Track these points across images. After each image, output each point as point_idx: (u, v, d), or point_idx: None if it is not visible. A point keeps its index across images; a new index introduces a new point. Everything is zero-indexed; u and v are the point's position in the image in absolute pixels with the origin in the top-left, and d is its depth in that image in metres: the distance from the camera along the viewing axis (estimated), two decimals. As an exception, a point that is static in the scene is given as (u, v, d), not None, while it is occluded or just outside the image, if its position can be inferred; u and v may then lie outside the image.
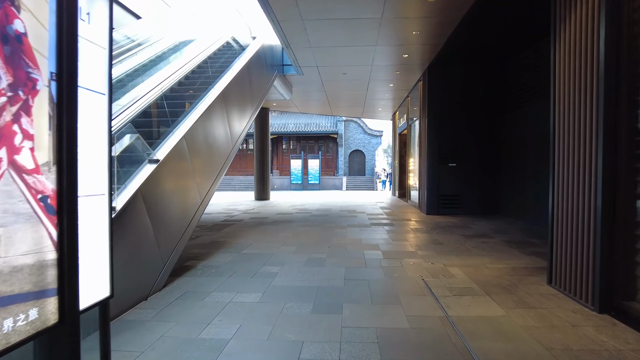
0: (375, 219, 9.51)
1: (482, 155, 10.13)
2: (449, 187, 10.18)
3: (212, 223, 8.97)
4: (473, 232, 7.32)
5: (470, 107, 10.11)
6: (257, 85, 8.14)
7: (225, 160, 5.90)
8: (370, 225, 8.27)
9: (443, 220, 9.03)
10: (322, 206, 13.11)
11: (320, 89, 12.59)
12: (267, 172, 16.19)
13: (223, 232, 7.62)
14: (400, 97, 14.07)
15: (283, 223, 8.81)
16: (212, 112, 5.38)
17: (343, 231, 7.52)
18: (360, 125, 29.65)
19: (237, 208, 12.53)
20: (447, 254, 5.50)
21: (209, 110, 5.25)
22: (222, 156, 5.80)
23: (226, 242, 6.49)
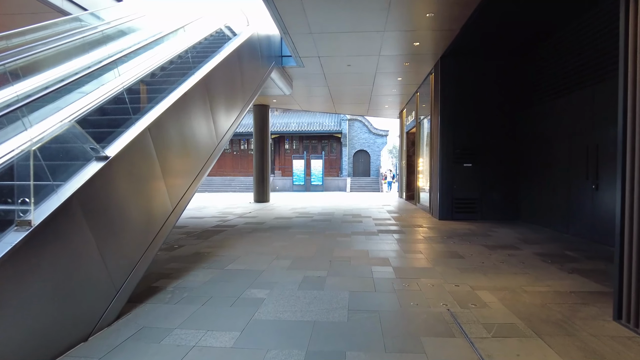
0: (382, 224, 8.59)
1: (501, 155, 9.18)
2: (464, 190, 9.24)
3: (202, 229, 8.10)
4: (496, 242, 6.39)
5: (488, 102, 9.17)
6: (250, 75, 7.25)
7: (207, 158, 5.01)
8: (378, 233, 7.35)
9: (458, 227, 8.09)
10: (325, 209, 12.20)
11: (323, 83, 11.69)
12: (267, 173, 15.32)
13: (211, 240, 6.73)
14: (409, 92, 13.14)
15: (280, 229, 7.91)
16: (189, 102, 4.49)
17: (347, 240, 6.61)
18: (365, 125, 28.71)
19: (233, 211, 11.65)
20: (471, 271, 4.57)
21: (186, 99, 4.37)
22: (203, 154, 4.92)
23: (211, 253, 5.60)
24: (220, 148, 5.44)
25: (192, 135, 4.63)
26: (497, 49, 8.63)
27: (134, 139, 3.31)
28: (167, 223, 3.96)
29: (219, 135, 5.41)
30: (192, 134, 4.63)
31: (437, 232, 7.43)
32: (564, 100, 7.26)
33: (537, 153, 8.27)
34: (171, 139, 4.10)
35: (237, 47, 6.28)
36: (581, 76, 6.73)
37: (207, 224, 8.95)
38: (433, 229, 7.92)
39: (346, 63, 9.71)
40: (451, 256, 5.38)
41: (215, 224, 8.96)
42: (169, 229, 4.04)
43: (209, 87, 5.08)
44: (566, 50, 7.20)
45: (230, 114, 5.96)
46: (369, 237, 6.94)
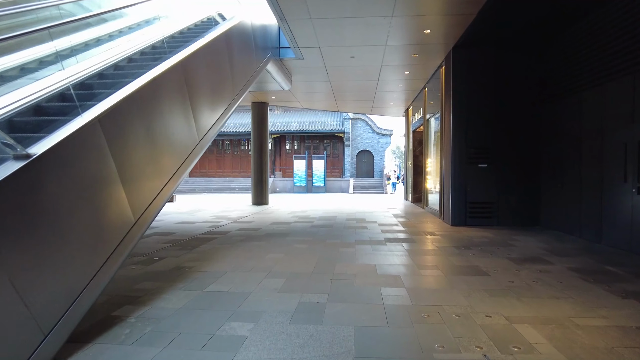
0: (389, 231, 7.79)
1: (520, 155, 8.37)
2: (479, 193, 8.42)
3: (190, 236, 7.33)
4: (521, 254, 5.58)
5: (505, 96, 8.36)
6: (242, 65, 6.48)
7: (186, 158, 4.24)
8: (385, 242, 6.55)
9: (474, 235, 7.28)
10: (326, 213, 11.41)
11: (324, 77, 10.91)
12: (265, 174, 14.55)
13: (197, 251, 5.96)
14: (416, 88, 12.33)
15: (276, 237, 7.13)
16: (161, 90, 3.71)
17: (351, 251, 5.82)
18: (368, 124, 27.89)
19: (228, 215, 10.88)
20: (501, 294, 3.77)
21: (156, 87, 3.60)
22: (180, 152, 4.14)
23: (193, 269, 4.82)
24: (203, 146, 4.67)
25: (165, 130, 3.85)
26: (517, 37, 7.81)
27: (73, 133, 2.53)
28: (128, 237, 3.18)
29: (201, 131, 4.63)
30: (165, 129, 3.85)
31: (452, 241, 6.63)
32: (596, 92, 6.44)
33: (561, 152, 7.45)
34: (135, 134, 3.32)
35: (226, 32, 5.50)
36: (618, 63, 5.91)
37: (197, 230, 8.18)
38: (446, 236, 7.12)
39: (349, 54, 8.92)
40: (473, 272, 4.58)
41: (206, 230, 8.19)
42: (131, 244, 3.26)
43: (188, 74, 4.30)
44: (599, 35, 6.37)
45: (217, 107, 5.19)
46: (375, 247, 6.14)
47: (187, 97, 4.28)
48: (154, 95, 3.59)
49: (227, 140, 27.92)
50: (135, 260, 5.35)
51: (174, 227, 8.59)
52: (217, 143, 28.09)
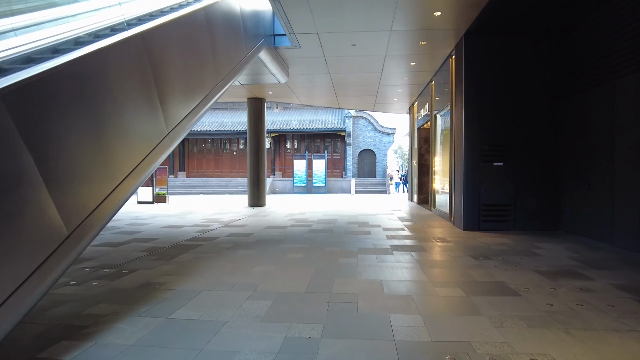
0: (395, 237, 6.99)
1: (539, 152, 7.56)
2: (494, 194, 7.62)
3: (173, 243, 6.55)
4: (550, 266, 4.77)
5: (523, 88, 7.56)
6: (227, 50, 5.69)
7: (148, 153, 3.45)
8: (392, 251, 5.75)
9: (490, 241, 6.48)
10: (326, 216, 10.61)
11: (324, 69, 10.12)
12: (262, 175, 13.77)
13: (175, 261, 5.18)
14: (422, 81, 11.52)
15: (269, 244, 6.34)
16: (111, 67, 2.93)
17: (352, 262, 5.02)
18: (370, 122, 27.06)
19: (220, 218, 10.10)
20: (542, 323, 2.97)
21: (103, 61, 2.82)
22: (139, 147, 3.36)
23: (164, 286, 4.03)
24: (174, 138, 3.88)
25: (118, 117, 3.07)
26: (535, 22, 7.01)
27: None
28: (57, 255, 2.40)
29: (172, 121, 3.84)
30: (118, 116, 3.07)
31: (467, 249, 5.82)
32: (628, 80, 5.63)
33: (588, 148, 6.63)
34: (68, 119, 2.54)
35: (206, 7, 4.71)
36: None
37: (183, 235, 7.40)
38: (460, 243, 6.31)
39: (350, 42, 8.13)
40: (500, 291, 3.78)
41: (192, 235, 7.41)
42: (64, 263, 2.48)
43: (153, 50, 3.52)
44: (630, 17, 5.56)
45: (193, 95, 4.40)
46: (380, 257, 5.34)
47: (152, 79, 3.49)
48: (99, 72, 2.81)
49: (225, 139, 27.16)
50: (101, 273, 4.58)
51: (157, 232, 7.82)
52: (215, 143, 27.35)
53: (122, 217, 10.67)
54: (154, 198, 15.38)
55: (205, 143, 27.51)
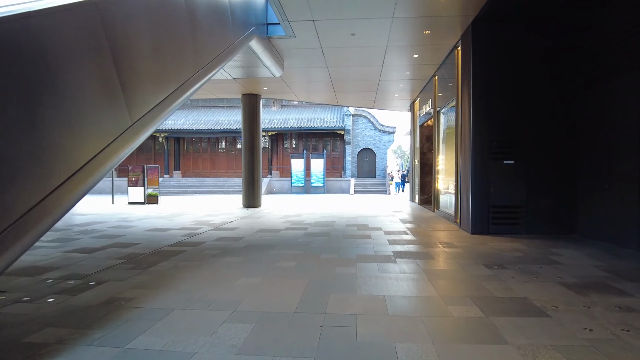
0: (398, 241, 6.41)
1: (553, 149, 7.00)
2: (504, 195, 7.04)
3: (154, 249, 5.97)
4: (575, 276, 4.20)
5: (536, 80, 7.00)
6: (210, 34, 5.10)
7: (104, 147, 2.86)
8: (395, 258, 5.17)
9: (502, 246, 5.90)
10: (324, 217, 10.03)
11: (321, 62, 9.53)
12: (257, 174, 13.19)
13: (151, 271, 4.60)
14: (425, 76, 10.94)
15: (259, 250, 5.76)
16: (49, 35, 2.34)
17: (351, 273, 4.44)
18: (370, 120, 26.47)
19: (211, 220, 9.52)
20: (585, 356, 2.39)
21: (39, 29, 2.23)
22: (91, 139, 2.77)
23: (131, 303, 3.45)
24: (140, 131, 3.29)
25: (59, 104, 2.48)
26: (550, 8, 6.43)
27: None
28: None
29: (137, 111, 3.26)
30: (59, 103, 2.48)
31: (478, 256, 5.24)
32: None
33: (608, 145, 6.06)
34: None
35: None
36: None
37: (167, 240, 6.82)
38: (469, 249, 5.73)
39: (350, 30, 7.54)
40: (525, 310, 3.20)
41: (178, 239, 6.83)
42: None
43: (111, 23, 2.93)
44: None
45: (166, 81, 3.81)
46: (382, 266, 4.75)
47: (110, 58, 2.91)
48: (33, 44, 2.23)
49: (221, 138, 26.54)
50: (63, 286, 3.99)
51: (141, 236, 7.24)
52: (212, 142, 26.74)
53: (108, 219, 10.09)
54: (145, 199, 14.79)
55: (201, 142, 26.92)
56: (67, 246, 6.14)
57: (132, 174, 15.01)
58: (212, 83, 11.65)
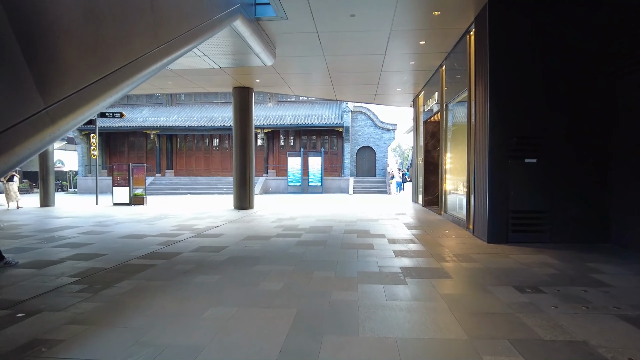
0: (405, 253, 5.51)
1: (582, 145, 6.12)
2: (527, 198, 6.16)
3: (120, 262, 5.07)
4: (638, 307, 3.30)
5: (562, 68, 6.11)
6: (177, 6, 4.17)
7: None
8: (404, 277, 4.26)
9: (528, 259, 5.01)
10: (320, 221, 9.13)
11: (317, 49, 8.61)
12: (250, 173, 12.27)
13: (104, 295, 3.70)
14: (431, 66, 10.04)
15: (240, 265, 4.86)
16: None
17: (350, 300, 3.54)
18: (370, 117, 25.54)
19: (195, 225, 8.61)
20: None
21: None
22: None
23: (53, 350, 2.55)
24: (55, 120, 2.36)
25: None
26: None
27: None
28: None
29: (56, 91, 2.34)
30: None
31: (504, 275, 4.35)
32: None
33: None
34: None
35: None
36: None
37: (140, 249, 5.91)
38: (490, 264, 4.84)
39: (349, 11, 6.63)
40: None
41: (152, 249, 5.93)
42: None
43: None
44: None
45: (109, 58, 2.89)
46: (390, 289, 3.85)
47: (5, 17, 1.99)
48: None
49: (215, 135, 25.56)
50: (-23, 321, 3.08)
51: (110, 245, 6.33)
52: (205, 139, 25.76)
53: (84, 222, 9.17)
54: (130, 199, 13.86)
55: (194, 140, 25.95)
56: (17, 259, 5.22)
57: (117, 173, 14.08)
58: (199, 74, 10.74)
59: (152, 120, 24.63)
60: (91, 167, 24.42)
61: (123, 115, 14.43)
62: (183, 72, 10.52)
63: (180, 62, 8.12)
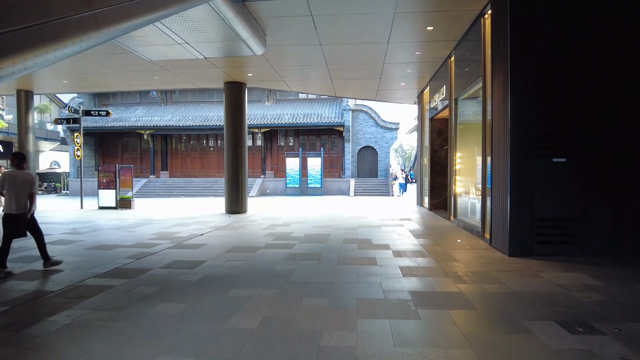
0: (414, 271, 4.63)
1: (621, 143, 5.24)
2: (555, 204, 5.28)
3: (74, 282, 4.22)
4: None
5: (596, 52, 5.23)
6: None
7: None
8: (416, 308, 3.38)
9: (562, 279, 4.14)
10: (317, 228, 8.25)
11: (313, 37, 7.75)
12: (242, 175, 11.42)
13: (25, 335, 2.85)
14: (438, 57, 9.16)
15: (213, 289, 3.99)
16: None
17: (346, 347, 2.66)
18: (371, 116, 24.62)
19: (178, 232, 7.75)
20: None
21: None
22: None
23: None
24: None
25: None
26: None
27: None
28: None
29: None
30: None
31: (540, 303, 3.47)
32: None
33: None
34: None
35: None
36: None
37: (105, 263, 5.06)
38: (519, 287, 3.95)
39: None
40: None
41: (118, 263, 5.08)
42: None
43: None
44: None
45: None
46: (399, 327, 2.97)
47: None
48: None
49: (211, 136, 24.67)
50: None
51: (76, 257, 5.48)
52: (201, 139, 24.90)
53: (56, 230, 8.32)
54: (117, 203, 13.01)
55: (189, 140, 25.09)
56: (-50, 279, 4.36)
57: (103, 175, 13.24)
58: (186, 67, 9.89)
59: (146, 120, 23.77)
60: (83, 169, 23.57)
61: (109, 113, 13.58)
62: (168, 65, 9.67)
63: (158, 51, 7.27)
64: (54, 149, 30.09)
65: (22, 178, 4.67)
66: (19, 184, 4.63)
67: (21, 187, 4.64)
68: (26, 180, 4.68)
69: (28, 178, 4.70)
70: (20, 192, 4.63)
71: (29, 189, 4.69)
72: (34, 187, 4.74)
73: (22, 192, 4.64)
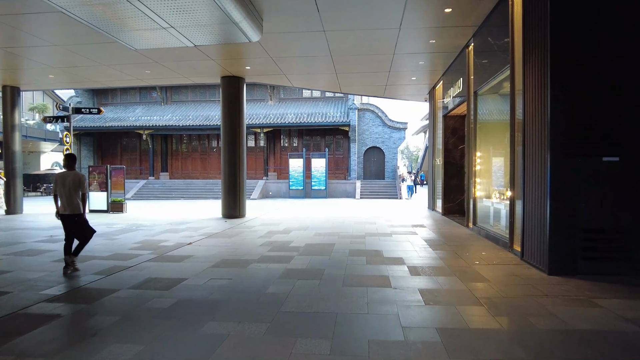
0: (438, 296, 3.75)
1: (687, 138, 4.33)
2: (605, 212, 4.39)
3: (16, 309, 3.42)
4: None
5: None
6: None
7: None
8: (448, 356, 2.51)
9: (625, 307, 3.28)
10: (320, 236, 7.39)
11: (316, 23, 6.91)
12: (240, 177, 10.60)
13: None
14: (454, 47, 8.27)
15: (185, 321, 3.14)
16: None
17: None
18: (378, 115, 23.68)
19: (163, 241, 6.93)
20: None
21: None
22: None
23: None
24: None
25: None
26: None
27: None
28: None
29: None
30: None
31: (609, 349, 2.59)
32: None
33: None
34: None
35: None
36: None
37: (67, 280, 4.24)
38: (576, 321, 3.07)
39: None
40: None
41: (82, 282, 4.27)
42: None
43: None
44: None
45: None
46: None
47: None
48: None
49: (213, 136, 23.90)
50: None
51: (36, 272, 4.69)
52: (202, 140, 24.15)
53: (31, 237, 7.55)
54: (108, 206, 12.24)
55: (190, 140, 24.36)
56: None
57: (93, 176, 12.47)
58: (178, 60, 9.13)
59: (145, 120, 23.08)
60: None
61: (101, 111, 12.84)
62: (157, 57, 8.89)
63: (141, 37, 6.46)
64: (55, 150, 29.56)
65: (72, 179, 4.78)
66: (68, 184, 4.74)
67: (71, 187, 4.74)
68: (76, 181, 4.78)
69: (77, 178, 4.81)
70: (71, 193, 4.75)
71: (80, 188, 4.80)
72: (84, 186, 4.86)
73: (73, 192, 4.76)
